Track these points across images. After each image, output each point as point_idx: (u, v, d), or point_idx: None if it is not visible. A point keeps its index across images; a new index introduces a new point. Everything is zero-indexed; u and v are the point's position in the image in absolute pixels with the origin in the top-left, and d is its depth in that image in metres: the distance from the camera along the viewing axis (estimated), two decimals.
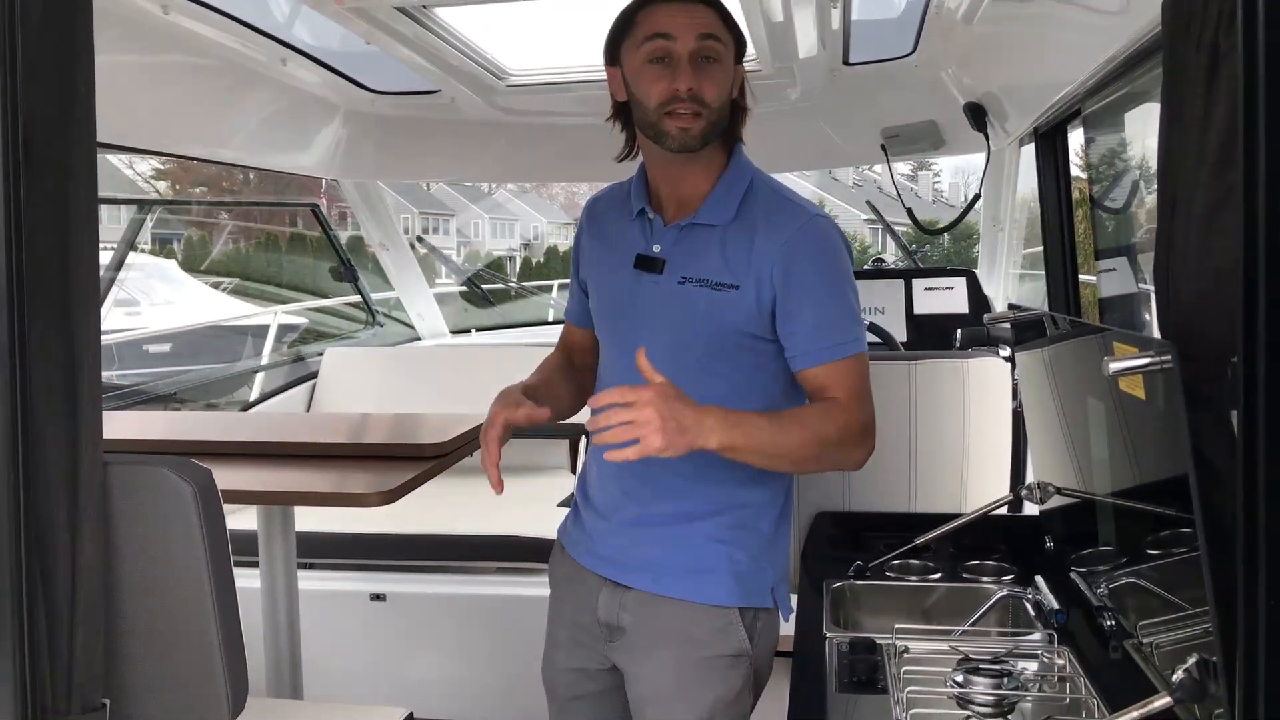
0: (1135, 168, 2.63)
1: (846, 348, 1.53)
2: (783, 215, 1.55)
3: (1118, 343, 1.19)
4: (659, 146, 1.55)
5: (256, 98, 3.01)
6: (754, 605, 1.60)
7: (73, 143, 1.16)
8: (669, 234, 1.59)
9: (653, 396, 1.33)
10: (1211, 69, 1.02)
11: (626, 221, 1.66)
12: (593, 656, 1.69)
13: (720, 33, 1.52)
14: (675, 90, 1.49)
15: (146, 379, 5.39)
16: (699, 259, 1.56)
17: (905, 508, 2.32)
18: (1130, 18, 1.64)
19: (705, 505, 1.59)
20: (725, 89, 1.54)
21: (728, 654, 1.58)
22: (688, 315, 1.55)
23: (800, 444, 1.47)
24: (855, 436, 1.51)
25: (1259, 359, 0.88)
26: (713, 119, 1.52)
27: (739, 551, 1.59)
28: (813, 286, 1.52)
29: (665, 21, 1.50)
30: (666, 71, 1.50)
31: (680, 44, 1.49)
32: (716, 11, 1.54)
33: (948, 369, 2.30)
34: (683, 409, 1.36)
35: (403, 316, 5.06)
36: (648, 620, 1.61)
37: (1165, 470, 1.29)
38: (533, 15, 2.79)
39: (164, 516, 1.23)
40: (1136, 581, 1.49)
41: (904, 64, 3.17)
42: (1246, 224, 0.88)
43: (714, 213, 1.57)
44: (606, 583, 1.64)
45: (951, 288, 3.72)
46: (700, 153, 1.55)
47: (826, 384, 1.53)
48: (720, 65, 1.53)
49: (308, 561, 2.72)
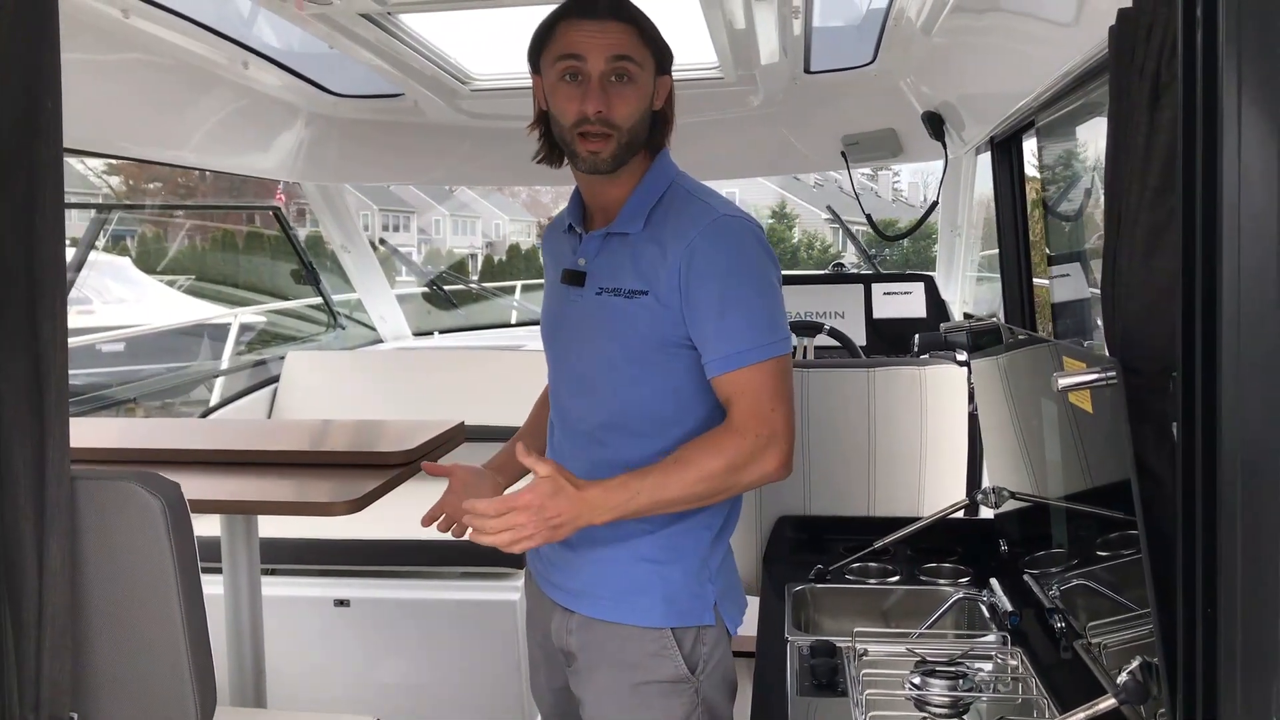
0: (1087, 177, 2.70)
1: (748, 355, 1.46)
2: (688, 217, 1.51)
3: (1067, 357, 1.23)
4: (575, 166, 1.56)
5: (218, 100, 2.99)
6: (692, 624, 1.56)
7: (40, 150, 1.15)
8: (591, 244, 1.58)
9: (528, 502, 1.36)
10: (1153, 97, 1.07)
11: (564, 236, 1.67)
12: (564, 677, 1.69)
13: (634, 51, 1.49)
14: (584, 111, 1.48)
15: (101, 379, 5.31)
16: (614, 268, 1.54)
17: (864, 511, 2.37)
18: (1083, 35, 1.69)
19: (638, 525, 1.54)
20: (638, 107, 1.51)
21: (664, 679, 1.54)
22: (607, 326, 1.53)
23: (692, 483, 1.43)
24: (747, 458, 1.44)
25: (1196, 373, 0.91)
26: (624, 140, 1.50)
27: (673, 570, 1.56)
28: (713, 290, 1.46)
29: (577, 41, 1.48)
30: (578, 91, 1.49)
31: (591, 64, 1.48)
32: (634, 26, 1.51)
33: (906, 376, 2.35)
34: (559, 503, 1.37)
35: (364, 318, 5.03)
36: (588, 645, 1.60)
37: (1111, 476, 1.33)
38: (496, 20, 2.80)
39: (132, 531, 1.23)
40: (1085, 583, 1.54)
41: (864, 73, 3.22)
42: (1184, 247, 0.92)
43: (627, 221, 1.55)
44: (557, 608, 1.64)
45: (910, 292, 3.79)
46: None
47: (729, 395, 1.47)
48: (633, 84, 1.50)
49: (270, 567, 2.71)
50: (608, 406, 1.56)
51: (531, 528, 1.36)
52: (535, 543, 1.38)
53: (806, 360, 3.34)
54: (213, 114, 3.02)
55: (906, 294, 3.78)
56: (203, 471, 2.03)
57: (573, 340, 1.60)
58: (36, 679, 1.13)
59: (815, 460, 2.38)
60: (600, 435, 1.57)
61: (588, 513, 1.39)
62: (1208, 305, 0.90)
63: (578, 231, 1.62)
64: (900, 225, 13.20)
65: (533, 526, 1.36)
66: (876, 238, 5.42)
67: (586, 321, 1.56)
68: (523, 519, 1.36)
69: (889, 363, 2.42)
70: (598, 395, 1.57)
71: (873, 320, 3.76)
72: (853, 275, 4.14)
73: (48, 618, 1.14)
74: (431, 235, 37.55)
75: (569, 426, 1.63)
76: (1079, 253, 2.86)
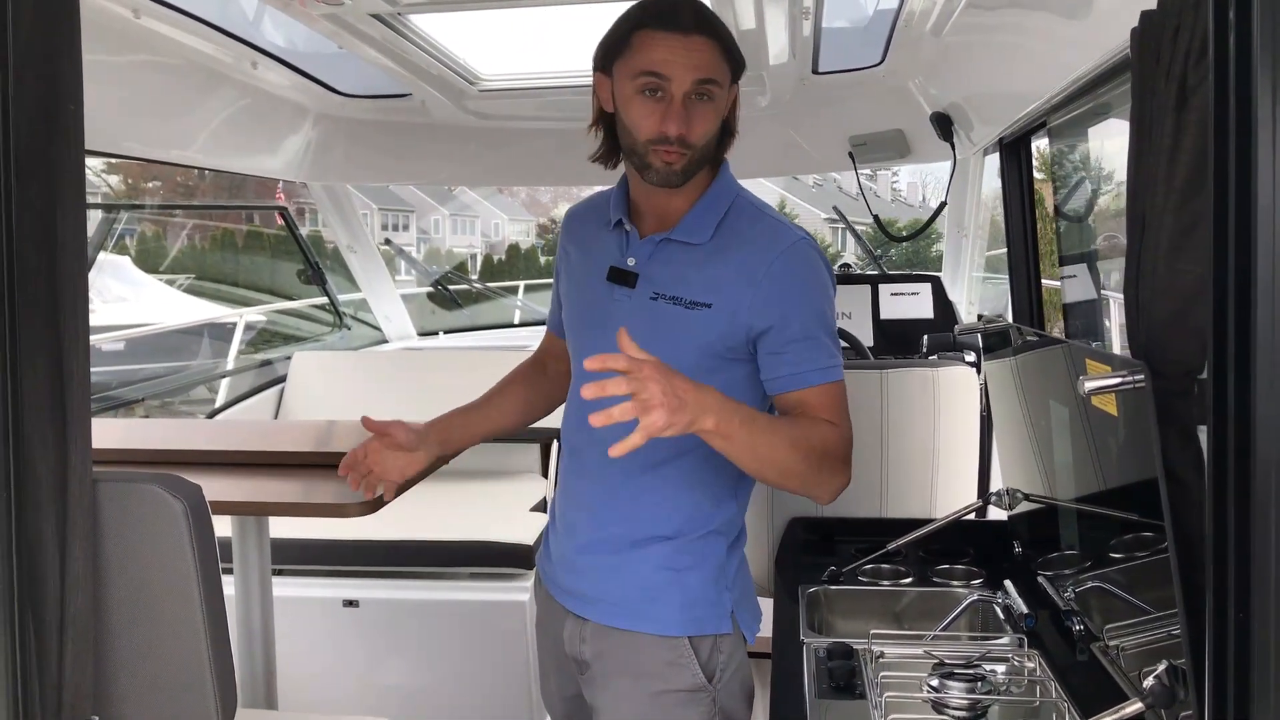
0: (1098, 180, 2.70)
1: (831, 372, 1.49)
2: (766, 237, 1.51)
3: (1090, 360, 1.23)
4: (640, 175, 1.53)
5: (226, 100, 2.99)
6: (710, 633, 1.55)
7: (61, 153, 1.15)
8: (644, 247, 1.56)
9: (652, 369, 1.23)
10: (1180, 100, 1.06)
11: (604, 231, 1.62)
12: (576, 685, 1.68)
13: (717, 71, 1.46)
14: (664, 131, 1.45)
15: (100, 378, 5.30)
16: (673, 276, 1.52)
17: (877, 513, 2.36)
18: (1098, 37, 1.69)
19: (655, 531, 1.54)
20: (715, 125, 1.50)
21: (681, 689, 1.53)
22: (656, 331, 1.49)
23: (791, 447, 1.39)
24: (839, 457, 1.46)
25: (1229, 376, 0.91)
26: (697, 156, 1.49)
27: (691, 577, 1.55)
28: (800, 311, 1.48)
29: (663, 60, 1.43)
30: (658, 107, 1.45)
31: (675, 86, 1.44)
32: (717, 41, 1.47)
33: (918, 377, 2.35)
34: (680, 381, 1.25)
35: (368, 318, 5.03)
36: (604, 653, 1.58)
37: (1128, 477, 1.33)
38: (504, 21, 2.80)
39: (154, 533, 1.23)
40: (1102, 585, 1.54)
41: (872, 73, 3.22)
42: (1216, 249, 0.91)
43: (692, 231, 1.53)
44: (570, 614, 1.62)
45: (917, 293, 3.78)
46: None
47: (813, 406, 1.47)
48: (713, 103, 1.48)
49: (279, 568, 2.70)
50: None
51: (657, 388, 1.21)
52: (661, 421, 1.21)
53: None
54: (220, 114, 3.01)
55: (914, 294, 3.78)
56: (215, 473, 2.02)
57: (611, 338, 1.56)
58: (59, 683, 1.12)
59: None
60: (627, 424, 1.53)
61: (703, 409, 1.25)
62: (1240, 308, 0.89)
63: (626, 229, 1.59)
64: (900, 225, 13.23)
65: (658, 386, 1.21)
66: (879, 237, 5.43)
67: (633, 321, 1.49)
68: (648, 374, 1.21)
69: (901, 364, 2.42)
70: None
71: (880, 321, 3.76)
72: (860, 276, 4.14)
73: (69, 621, 1.14)
74: (431, 235, 37.57)
75: (591, 411, 1.59)
76: (1088, 254, 2.86)
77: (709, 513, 1.57)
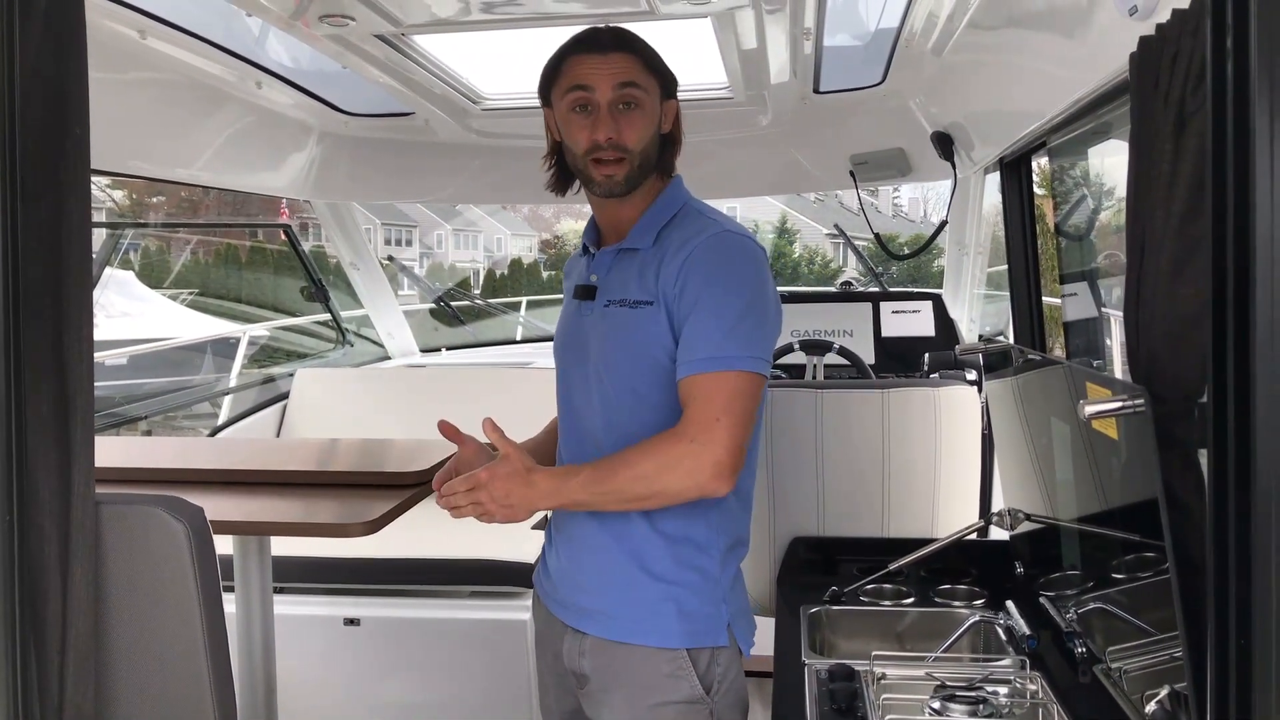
0: (1098, 197, 2.70)
1: (711, 363, 1.46)
2: (693, 230, 1.56)
3: (1090, 383, 1.23)
4: (589, 191, 1.63)
5: (230, 119, 3.00)
6: (708, 645, 1.56)
7: (67, 175, 1.16)
8: (603, 260, 1.65)
9: (486, 480, 1.48)
10: (1179, 125, 1.07)
11: (581, 260, 1.74)
12: (575, 700, 1.69)
13: (639, 78, 1.57)
14: (595, 139, 1.55)
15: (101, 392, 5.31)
16: (620, 281, 1.60)
17: (878, 533, 2.36)
18: (1098, 58, 1.69)
19: (652, 545, 1.56)
20: (647, 131, 1.58)
21: (680, 700, 1.55)
22: (613, 336, 1.58)
23: (627, 480, 1.46)
24: (677, 460, 1.44)
25: (1228, 399, 0.91)
26: (636, 162, 1.57)
27: (688, 591, 1.57)
28: (699, 297, 1.49)
29: (584, 73, 1.56)
30: (588, 120, 1.56)
31: (599, 94, 1.55)
32: (638, 56, 1.58)
33: (919, 397, 2.35)
34: (509, 484, 1.48)
35: (371, 334, 5.03)
36: (602, 666, 1.60)
37: (1130, 498, 1.33)
38: (507, 41, 2.82)
39: (156, 555, 1.23)
40: (1104, 607, 1.54)
41: (873, 93, 3.23)
42: (1215, 273, 0.92)
43: (638, 238, 1.61)
44: (569, 629, 1.64)
45: (918, 310, 3.79)
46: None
47: (687, 398, 1.47)
48: (640, 110, 1.57)
49: (280, 586, 2.70)
50: (612, 414, 1.59)
51: (488, 504, 1.48)
52: (496, 518, 1.49)
53: (819, 381, 3.34)
54: (225, 133, 3.03)
55: (915, 312, 3.78)
56: (217, 492, 2.02)
57: (581, 350, 1.64)
58: (60, 704, 1.12)
59: (829, 481, 2.38)
60: (604, 441, 1.59)
61: (534, 495, 1.49)
62: (1240, 331, 0.90)
63: (591, 251, 1.69)
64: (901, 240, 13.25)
65: (489, 503, 1.48)
66: (879, 253, 5.44)
67: (594, 332, 1.62)
68: (481, 495, 1.49)
69: (903, 384, 2.42)
70: (603, 402, 1.60)
71: (881, 339, 3.76)
72: (861, 294, 4.14)
73: (71, 642, 1.14)
74: (434, 250, 37.67)
75: (576, 434, 1.66)
76: (1089, 272, 2.87)
77: (705, 527, 1.59)
